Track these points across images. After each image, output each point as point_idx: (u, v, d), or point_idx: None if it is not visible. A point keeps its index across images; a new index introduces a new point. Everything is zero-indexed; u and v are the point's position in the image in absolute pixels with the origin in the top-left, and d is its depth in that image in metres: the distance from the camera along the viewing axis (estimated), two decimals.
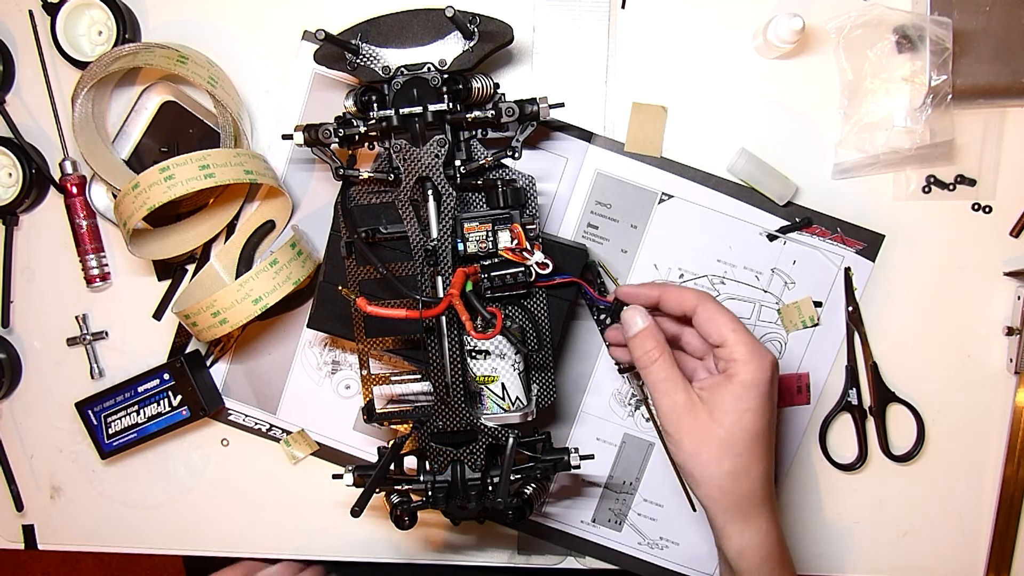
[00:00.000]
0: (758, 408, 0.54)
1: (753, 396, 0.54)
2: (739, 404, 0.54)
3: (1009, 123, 0.67)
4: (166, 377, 0.68)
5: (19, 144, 0.69)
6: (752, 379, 0.53)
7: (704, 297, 0.57)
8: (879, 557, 0.71)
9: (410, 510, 0.59)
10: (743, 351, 0.54)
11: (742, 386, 0.54)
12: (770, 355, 0.55)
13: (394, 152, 0.57)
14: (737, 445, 0.54)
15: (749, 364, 0.54)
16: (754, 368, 0.54)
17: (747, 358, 0.54)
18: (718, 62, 0.67)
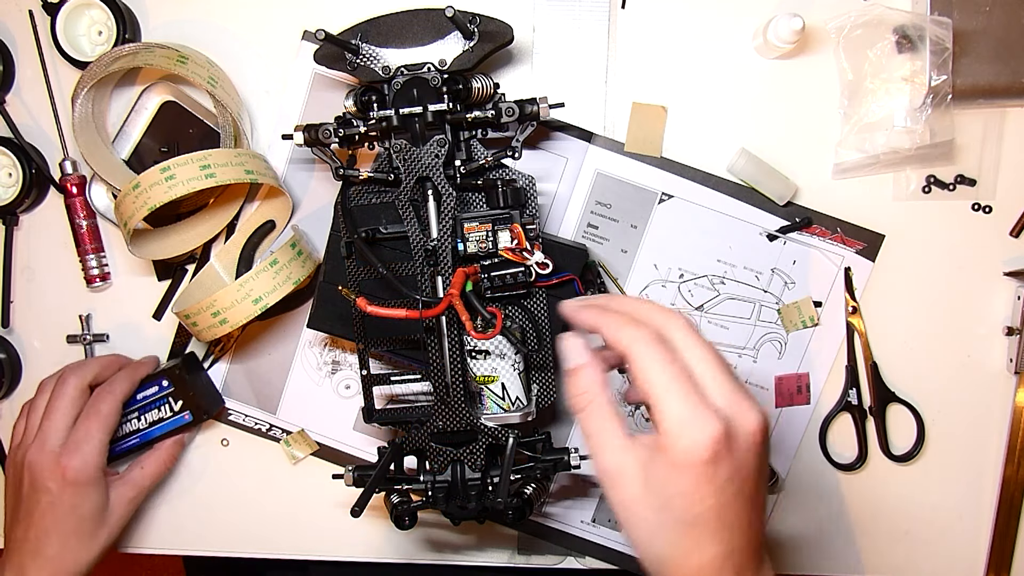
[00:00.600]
0: (691, 493, 0.41)
1: (683, 479, 0.41)
2: (666, 486, 0.41)
3: (1009, 123, 0.67)
4: (165, 384, 0.68)
5: (19, 144, 0.69)
6: (684, 458, 0.40)
7: (638, 340, 0.43)
8: (879, 557, 0.71)
9: (410, 510, 0.59)
10: (672, 420, 0.41)
11: (670, 465, 0.41)
12: (715, 425, 0.40)
13: (394, 152, 0.57)
14: (667, 531, 0.42)
15: (680, 438, 0.40)
16: (687, 444, 0.40)
17: (677, 430, 0.40)
18: (718, 62, 0.67)
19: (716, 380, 0.42)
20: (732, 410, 0.41)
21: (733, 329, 0.69)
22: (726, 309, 0.69)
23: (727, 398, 0.42)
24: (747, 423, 0.41)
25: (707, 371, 0.42)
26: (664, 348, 0.42)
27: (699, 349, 0.43)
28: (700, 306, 0.69)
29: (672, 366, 0.41)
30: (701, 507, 0.41)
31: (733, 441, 0.41)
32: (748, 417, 0.41)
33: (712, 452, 0.40)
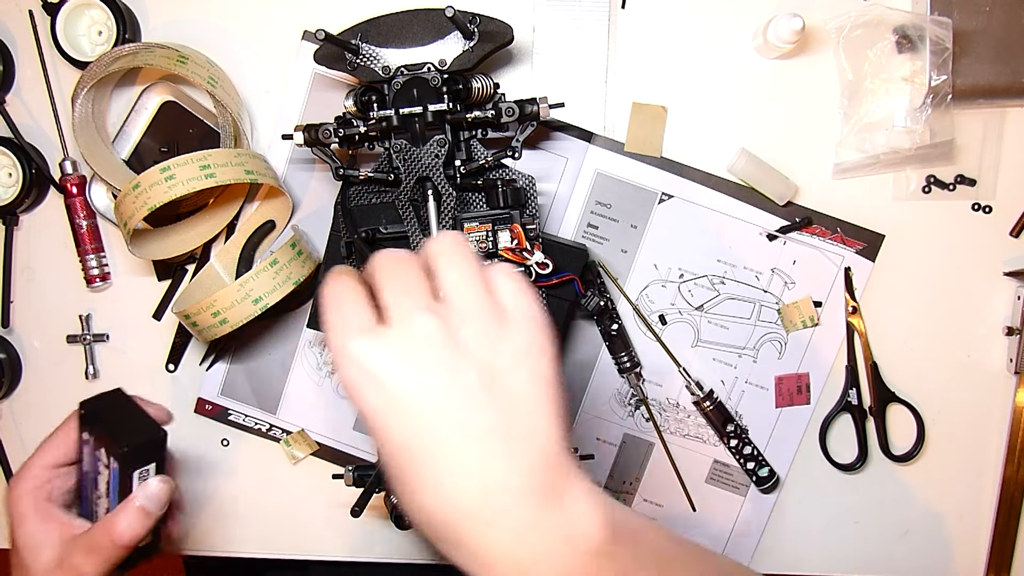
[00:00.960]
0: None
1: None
2: None
3: (1009, 123, 0.67)
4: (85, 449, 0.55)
5: (19, 144, 0.69)
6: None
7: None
8: (879, 557, 0.71)
9: None
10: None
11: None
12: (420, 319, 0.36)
13: (394, 152, 0.57)
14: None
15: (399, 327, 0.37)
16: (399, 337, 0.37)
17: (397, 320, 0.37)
18: (718, 62, 0.67)
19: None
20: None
21: (733, 329, 0.69)
22: (726, 309, 0.69)
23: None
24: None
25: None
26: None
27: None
28: (700, 306, 0.69)
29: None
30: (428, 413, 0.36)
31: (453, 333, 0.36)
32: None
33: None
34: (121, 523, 0.50)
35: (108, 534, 0.50)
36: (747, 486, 0.70)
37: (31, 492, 0.51)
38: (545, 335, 0.38)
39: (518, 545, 0.35)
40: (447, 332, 0.36)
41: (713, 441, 0.70)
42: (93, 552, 0.50)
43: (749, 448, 0.69)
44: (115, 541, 0.50)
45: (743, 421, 0.70)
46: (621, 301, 0.69)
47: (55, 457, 0.53)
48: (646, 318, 0.69)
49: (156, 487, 0.51)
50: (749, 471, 0.69)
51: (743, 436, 0.69)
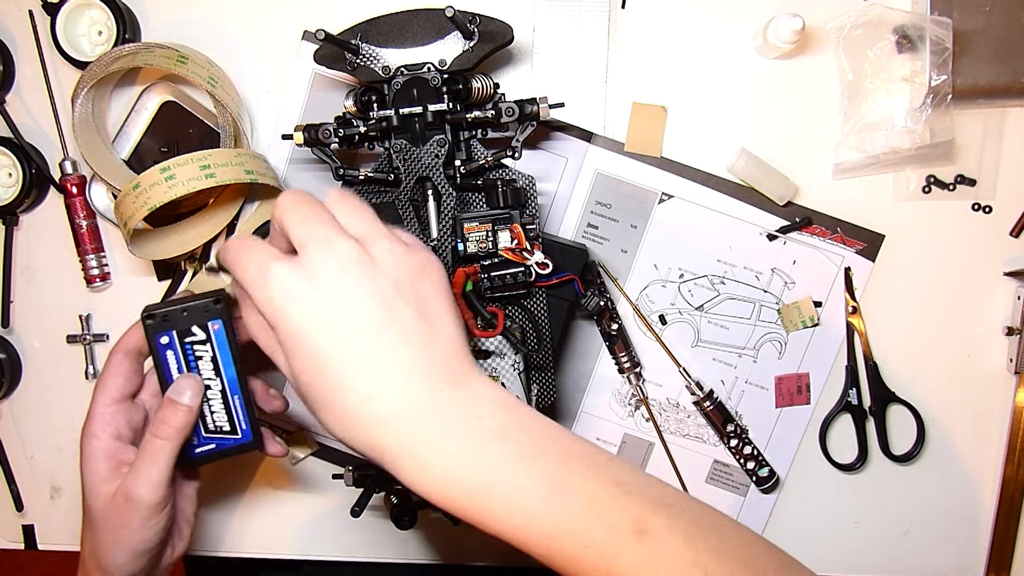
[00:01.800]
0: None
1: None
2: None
3: (1009, 123, 0.67)
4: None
5: (19, 144, 0.69)
6: (262, 307, 0.41)
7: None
8: (879, 557, 0.71)
9: (410, 510, 0.59)
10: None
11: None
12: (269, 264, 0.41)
13: (394, 152, 0.57)
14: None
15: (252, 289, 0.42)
16: (257, 296, 0.41)
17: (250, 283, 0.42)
18: (718, 62, 0.67)
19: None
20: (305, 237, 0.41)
21: (733, 329, 0.69)
22: (726, 309, 0.69)
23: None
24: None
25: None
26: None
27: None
28: (700, 306, 0.69)
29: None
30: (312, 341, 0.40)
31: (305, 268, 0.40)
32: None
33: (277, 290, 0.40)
34: (156, 420, 0.50)
35: (146, 437, 0.49)
36: (747, 486, 0.70)
37: (98, 432, 0.51)
38: (436, 260, 0.44)
39: (431, 427, 0.40)
40: (362, 251, 0.41)
41: (713, 441, 0.70)
42: (138, 468, 0.49)
43: (749, 448, 0.69)
44: (157, 436, 0.49)
45: (743, 421, 0.70)
46: (621, 301, 0.69)
47: (114, 392, 0.52)
48: (646, 318, 0.69)
49: (183, 379, 0.51)
50: (749, 471, 0.69)
51: (743, 436, 0.69)
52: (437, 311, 0.42)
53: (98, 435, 0.50)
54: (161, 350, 0.51)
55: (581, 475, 0.40)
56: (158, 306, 0.51)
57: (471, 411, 0.40)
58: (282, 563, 0.74)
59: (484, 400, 0.41)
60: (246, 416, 0.53)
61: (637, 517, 0.38)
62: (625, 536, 0.38)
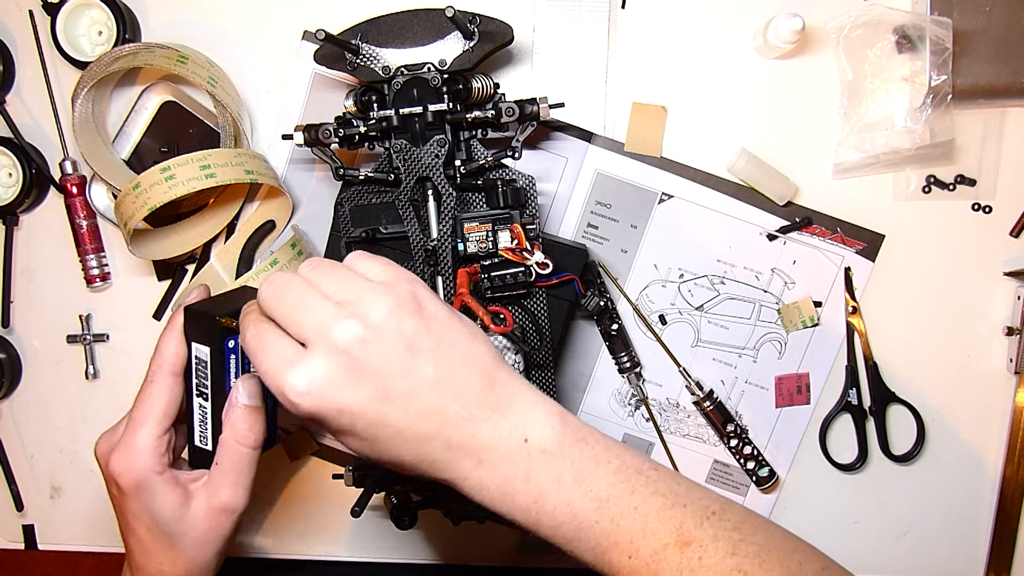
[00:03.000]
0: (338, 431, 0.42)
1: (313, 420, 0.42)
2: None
3: (1009, 123, 0.67)
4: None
5: (19, 144, 0.69)
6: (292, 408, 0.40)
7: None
8: (879, 557, 0.71)
9: (410, 510, 0.59)
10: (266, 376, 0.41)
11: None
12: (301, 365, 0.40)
13: (394, 152, 0.57)
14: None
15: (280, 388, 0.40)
16: (287, 396, 0.40)
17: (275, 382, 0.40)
18: (718, 62, 0.67)
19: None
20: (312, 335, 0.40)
21: (733, 329, 0.69)
22: (726, 309, 0.69)
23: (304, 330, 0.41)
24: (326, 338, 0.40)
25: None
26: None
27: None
28: (700, 306, 0.69)
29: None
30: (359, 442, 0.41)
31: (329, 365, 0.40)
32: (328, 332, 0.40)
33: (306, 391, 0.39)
34: (241, 430, 0.48)
35: (238, 450, 0.49)
36: (747, 486, 0.70)
37: (156, 467, 0.48)
38: (419, 284, 0.43)
39: (483, 459, 0.41)
40: (362, 324, 0.40)
41: (713, 441, 0.70)
42: (236, 482, 0.49)
43: (749, 448, 0.69)
44: (248, 446, 0.48)
45: (743, 421, 0.70)
46: (621, 301, 0.69)
47: (166, 422, 0.49)
48: (646, 318, 0.69)
49: (247, 381, 0.49)
50: (749, 471, 0.69)
51: (743, 436, 0.69)
52: (456, 344, 0.42)
53: (157, 469, 0.48)
54: (227, 355, 0.49)
55: (629, 489, 0.41)
56: (211, 306, 0.49)
57: (518, 436, 0.41)
58: (282, 563, 0.74)
59: (530, 422, 0.42)
60: (274, 417, 0.52)
61: (681, 528, 0.40)
62: (669, 548, 0.40)
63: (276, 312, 0.42)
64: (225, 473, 0.49)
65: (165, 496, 0.48)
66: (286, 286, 0.42)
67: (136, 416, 0.49)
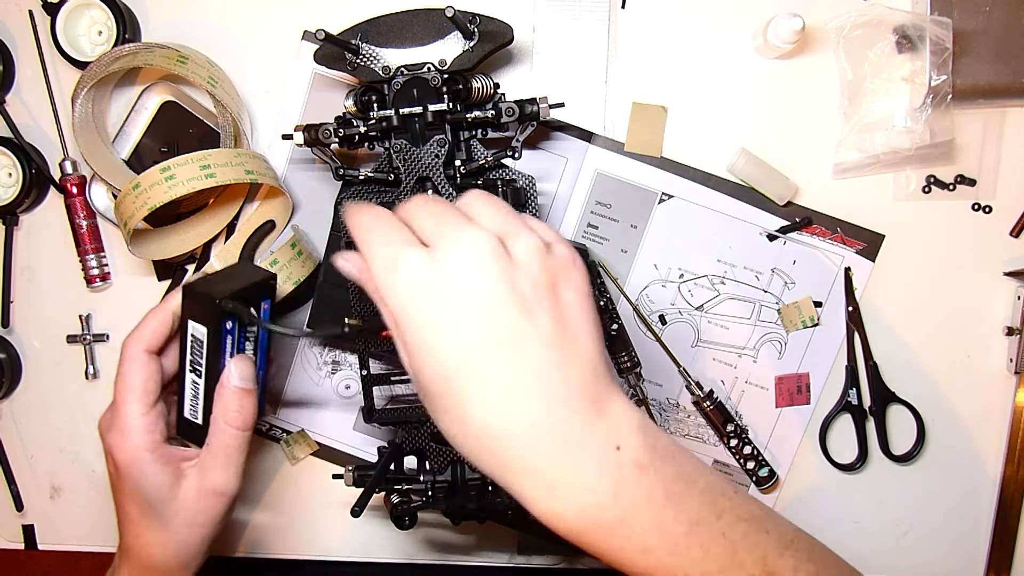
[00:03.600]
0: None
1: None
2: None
3: (1009, 123, 0.67)
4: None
5: (19, 144, 0.69)
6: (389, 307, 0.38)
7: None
8: (879, 557, 0.71)
9: (410, 510, 0.59)
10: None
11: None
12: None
13: (394, 152, 0.57)
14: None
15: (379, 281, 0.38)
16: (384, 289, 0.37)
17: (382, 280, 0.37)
18: (718, 62, 0.67)
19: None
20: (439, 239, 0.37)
21: (733, 329, 0.69)
22: (726, 309, 0.69)
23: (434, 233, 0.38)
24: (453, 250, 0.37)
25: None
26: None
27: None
28: (700, 306, 0.69)
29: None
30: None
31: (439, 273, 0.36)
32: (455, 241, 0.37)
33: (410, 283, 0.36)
34: (231, 412, 0.47)
35: (228, 432, 0.48)
36: (747, 486, 0.70)
37: (147, 444, 0.48)
38: (580, 259, 0.39)
39: (566, 455, 0.35)
40: (500, 244, 0.36)
41: (713, 441, 0.70)
42: (225, 464, 0.48)
43: (749, 448, 0.69)
44: (238, 428, 0.48)
45: (743, 421, 0.70)
46: (621, 301, 0.69)
47: (149, 398, 0.49)
48: (646, 318, 0.69)
49: (240, 363, 0.48)
50: (749, 471, 0.69)
51: (743, 436, 0.69)
52: (578, 323, 0.37)
53: (148, 446, 0.48)
54: (224, 335, 0.48)
55: (716, 512, 0.38)
56: (213, 287, 0.47)
57: (610, 442, 0.36)
58: (282, 563, 0.74)
59: (624, 428, 0.37)
60: (262, 398, 0.52)
61: (765, 557, 0.38)
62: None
63: (415, 211, 0.38)
64: (215, 455, 0.48)
65: (156, 475, 0.48)
66: (431, 200, 0.39)
67: (117, 396, 0.49)
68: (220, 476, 0.48)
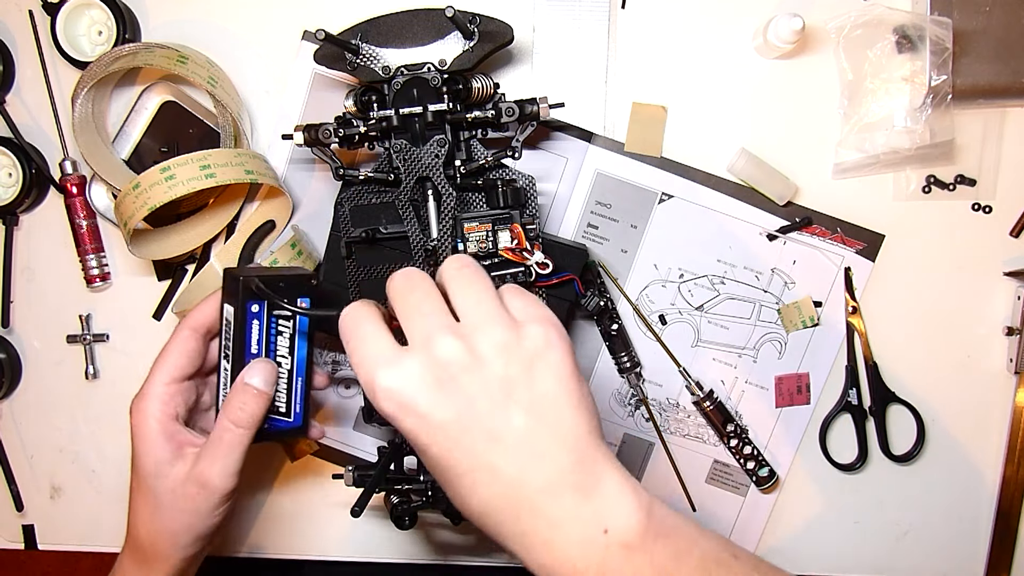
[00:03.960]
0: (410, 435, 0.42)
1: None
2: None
3: (1009, 123, 0.67)
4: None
5: (19, 144, 0.69)
6: (382, 407, 0.39)
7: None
8: (879, 557, 0.71)
9: (410, 510, 0.59)
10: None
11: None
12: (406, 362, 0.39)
13: (394, 152, 0.57)
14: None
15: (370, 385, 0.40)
16: (375, 392, 0.39)
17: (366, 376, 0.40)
18: (718, 62, 0.67)
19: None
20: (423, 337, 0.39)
21: (733, 329, 0.69)
22: (726, 309, 0.69)
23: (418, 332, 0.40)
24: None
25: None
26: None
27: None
28: (700, 306, 0.69)
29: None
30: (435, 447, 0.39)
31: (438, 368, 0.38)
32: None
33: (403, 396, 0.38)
34: (234, 407, 0.48)
35: (224, 424, 0.48)
36: (747, 486, 0.70)
37: (156, 413, 0.49)
38: (559, 332, 0.40)
39: (552, 539, 0.37)
40: (466, 349, 0.38)
41: (713, 441, 0.70)
42: (215, 455, 0.48)
43: (749, 448, 0.69)
44: (236, 424, 0.48)
45: (743, 421, 0.70)
46: (621, 301, 0.69)
47: (175, 371, 0.50)
48: (646, 318, 0.69)
49: (262, 365, 0.49)
50: (749, 471, 0.69)
51: (743, 436, 0.69)
52: (557, 407, 0.38)
53: (158, 416, 0.49)
54: (249, 318, 0.48)
55: None
56: (248, 271, 0.48)
57: (597, 525, 0.37)
58: (282, 563, 0.74)
59: (613, 509, 0.37)
60: (302, 400, 0.52)
61: None
62: None
63: (396, 300, 0.41)
64: (211, 444, 0.49)
65: (156, 448, 0.49)
66: (419, 283, 0.41)
67: (153, 365, 0.50)
68: (208, 467, 0.48)
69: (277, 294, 0.48)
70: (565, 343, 0.40)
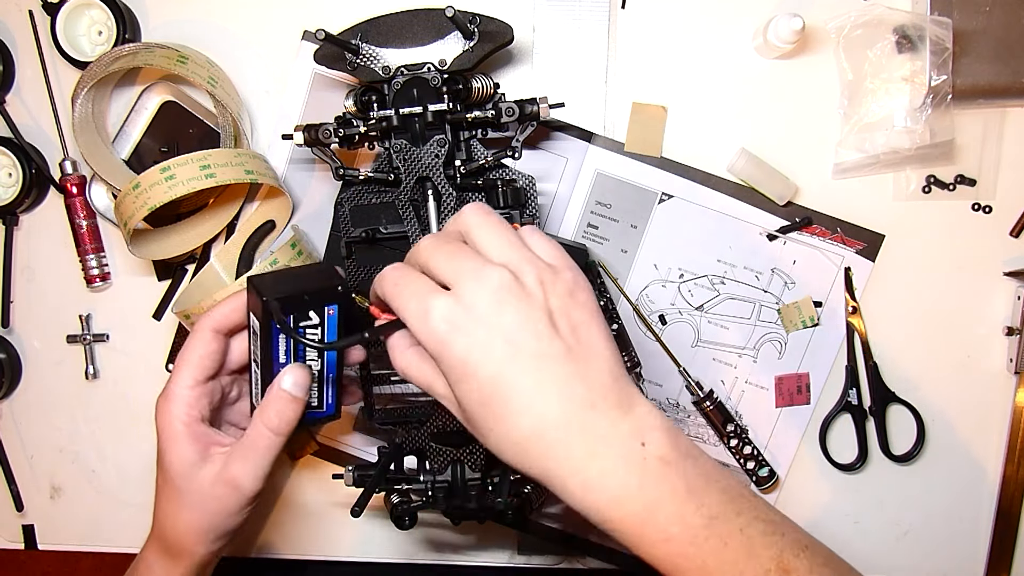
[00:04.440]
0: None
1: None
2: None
3: (1009, 123, 0.67)
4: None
5: (19, 144, 0.69)
6: (428, 347, 0.42)
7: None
8: (879, 557, 0.71)
9: (410, 510, 0.59)
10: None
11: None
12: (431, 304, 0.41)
13: (394, 152, 0.57)
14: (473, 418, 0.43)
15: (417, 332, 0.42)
16: (421, 335, 0.42)
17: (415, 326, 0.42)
18: (718, 62, 0.67)
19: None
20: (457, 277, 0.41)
21: (733, 329, 0.69)
22: (726, 309, 0.69)
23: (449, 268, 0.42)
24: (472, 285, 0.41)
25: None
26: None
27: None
28: (700, 306, 0.69)
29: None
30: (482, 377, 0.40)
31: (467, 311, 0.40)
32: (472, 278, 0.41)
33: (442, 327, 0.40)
34: (270, 413, 0.48)
35: (260, 430, 0.49)
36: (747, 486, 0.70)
37: (182, 415, 0.50)
38: (582, 275, 0.44)
39: (598, 452, 0.40)
40: (512, 278, 0.41)
41: (713, 441, 0.70)
42: (247, 458, 0.49)
43: (749, 448, 0.69)
44: (271, 430, 0.49)
45: (743, 421, 0.70)
46: (621, 301, 0.69)
47: (198, 373, 0.50)
48: (646, 318, 0.69)
49: (297, 369, 0.49)
50: (749, 471, 0.69)
51: (743, 436, 0.69)
52: (591, 336, 0.42)
53: (183, 418, 0.49)
54: (275, 333, 0.48)
55: (736, 509, 0.41)
56: (271, 282, 0.48)
57: (636, 439, 0.41)
58: (283, 563, 0.74)
59: (648, 427, 0.41)
60: (334, 393, 0.52)
61: (782, 556, 0.40)
62: (772, 574, 0.40)
63: (431, 255, 0.42)
64: (242, 447, 0.49)
65: (183, 448, 0.49)
66: (448, 237, 0.43)
67: (176, 366, 0.51)
68: (240, 469, 0.49)
69: (308, 307, 0.48)
70: (588, 284, 0.44)
